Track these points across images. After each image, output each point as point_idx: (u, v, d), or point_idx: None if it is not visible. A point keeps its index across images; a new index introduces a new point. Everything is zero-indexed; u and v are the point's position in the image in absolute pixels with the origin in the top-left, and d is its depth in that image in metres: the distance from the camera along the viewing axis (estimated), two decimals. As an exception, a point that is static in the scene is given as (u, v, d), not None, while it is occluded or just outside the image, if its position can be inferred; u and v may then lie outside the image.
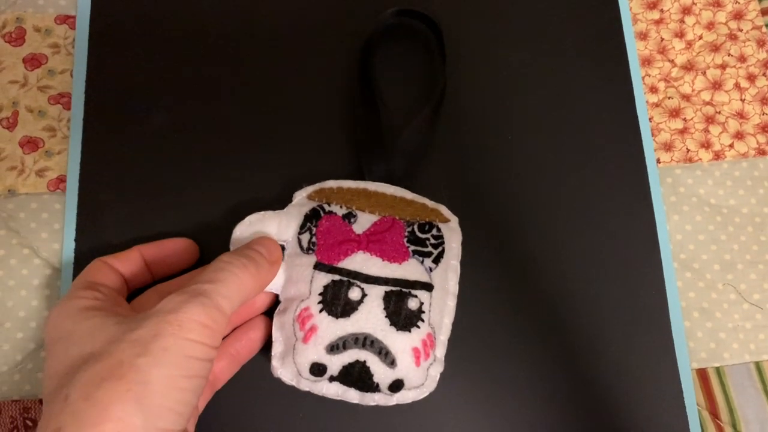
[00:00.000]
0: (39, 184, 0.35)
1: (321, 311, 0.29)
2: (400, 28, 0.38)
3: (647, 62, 0.40)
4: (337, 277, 0.29)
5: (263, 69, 0.37)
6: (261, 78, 0.37)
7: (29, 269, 0.34)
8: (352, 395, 0.29)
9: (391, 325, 0.29)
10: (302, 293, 0.30)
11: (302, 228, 0.31)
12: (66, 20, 0.38)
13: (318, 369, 0.29)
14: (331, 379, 0.29)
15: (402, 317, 0.29)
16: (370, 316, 0.29)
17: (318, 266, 0.30)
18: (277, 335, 0.30)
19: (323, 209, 0.31)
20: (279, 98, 0.37)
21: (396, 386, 0.29)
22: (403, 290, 0.30)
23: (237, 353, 0.31)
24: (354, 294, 0.29)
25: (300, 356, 0.29)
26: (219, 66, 0.37)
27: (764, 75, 0.40)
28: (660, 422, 0.34)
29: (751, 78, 0.40)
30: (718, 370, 0.36)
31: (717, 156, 0.38)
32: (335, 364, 0.29)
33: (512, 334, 0.34)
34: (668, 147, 0.38)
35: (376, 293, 0.29)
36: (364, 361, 0.29)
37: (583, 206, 0.36)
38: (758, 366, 0.36)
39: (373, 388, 0.29)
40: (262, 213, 0.31)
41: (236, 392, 0.32)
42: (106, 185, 0.35)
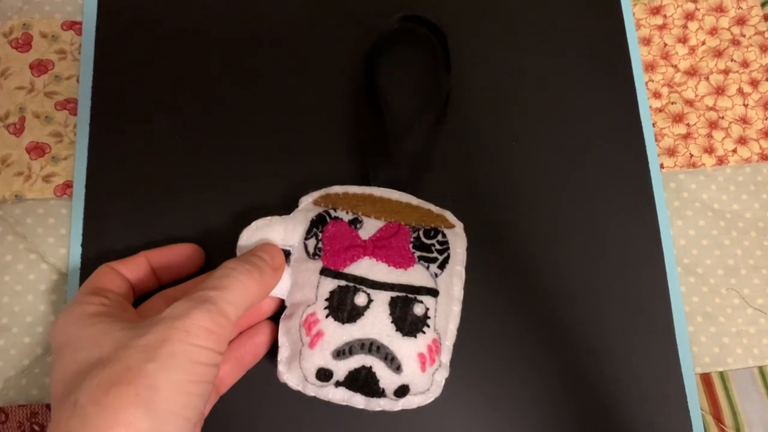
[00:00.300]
0: (46, 190, 0.35)
1: (327, 316, 0.29)
2: (405, 34, 0.38)
3: (650, 67, 0.40)
4: (344, 283, 0.30)
5: (269, 75, 0.38)
6: (268, 84, 0.37)
7: (36, 274, 0.34)
8: (358, 400, 0.29)
9: (397, 331, 0.29)
10: (308, 298, 0.30)
11: (308, 233, 0.31)
12: (72, 26, 0.38)
13: (324, 374, 0.29)
14: (337, 385, 0.29)
15: (408, 323, 0.29)
16: (376, 322, 0.29)
17: (324, 272, 0.30)
18: (284, 340, 0.30)
19: (329, 215, 0.31)
20: (285, 104, 0.37)
21: (401, 391, 0.29)
22: (409, 296, 0.30)
23: (242, 357, 0.31)
24: (360, 299, 0.29)
25: (306, 361, 0.29)
26: (225, 72, 0.37)
27: (767, 80, 0.40)
28: (663, 427, 0.34)
29: (754, 83, 0.40)
30: (722, 375, 0.36)
31: (720, 161, 0.39)
32: (341, 370, 0.29)
33: (516, 340, 0.34)
34: (671, 152, 0.39)
35: (382, 299, 0.29)
36: (370, 367, 0.29)
37: (587, 211, 0.37)
38: (762, 370, 0.36)
39: (379, 394, 0.29)
40: (269, 218, 0.31)
41: (242, 397, 0.32)
42: (113, 190, 0.35)
